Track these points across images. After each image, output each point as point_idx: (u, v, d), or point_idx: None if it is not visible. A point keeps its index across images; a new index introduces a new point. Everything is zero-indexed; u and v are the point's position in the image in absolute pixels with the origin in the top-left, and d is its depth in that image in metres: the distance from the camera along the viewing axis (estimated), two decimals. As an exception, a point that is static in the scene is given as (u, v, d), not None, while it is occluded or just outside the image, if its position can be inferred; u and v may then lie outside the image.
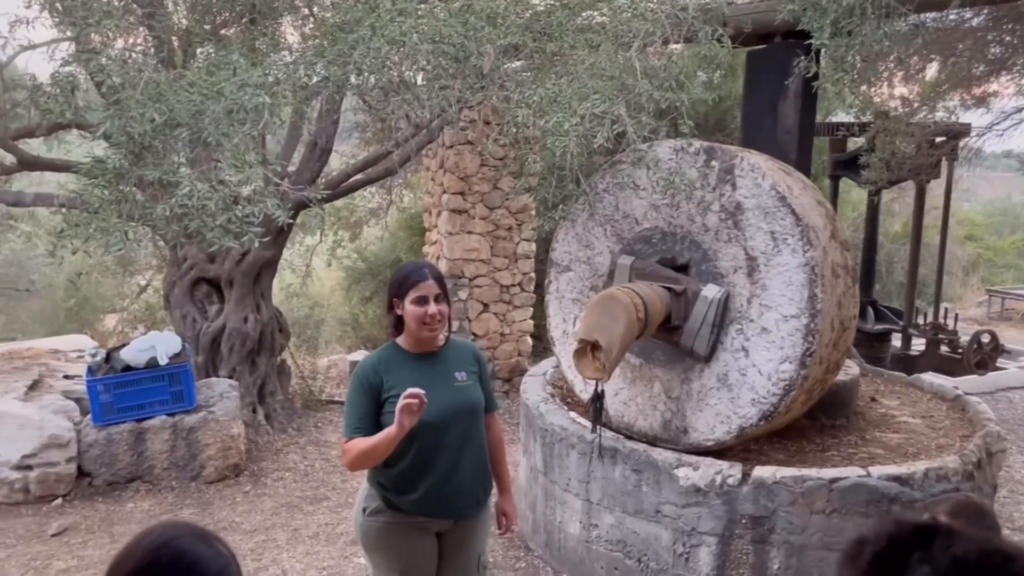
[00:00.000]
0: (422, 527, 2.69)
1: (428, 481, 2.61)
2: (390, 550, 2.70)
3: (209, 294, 6.45)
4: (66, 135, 6.78)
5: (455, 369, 2.72)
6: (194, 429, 5.37)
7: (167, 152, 3.78)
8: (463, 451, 2.66)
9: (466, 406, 2.68)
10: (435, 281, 2.63)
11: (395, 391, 2.53)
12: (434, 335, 2.67)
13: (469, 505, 2.71)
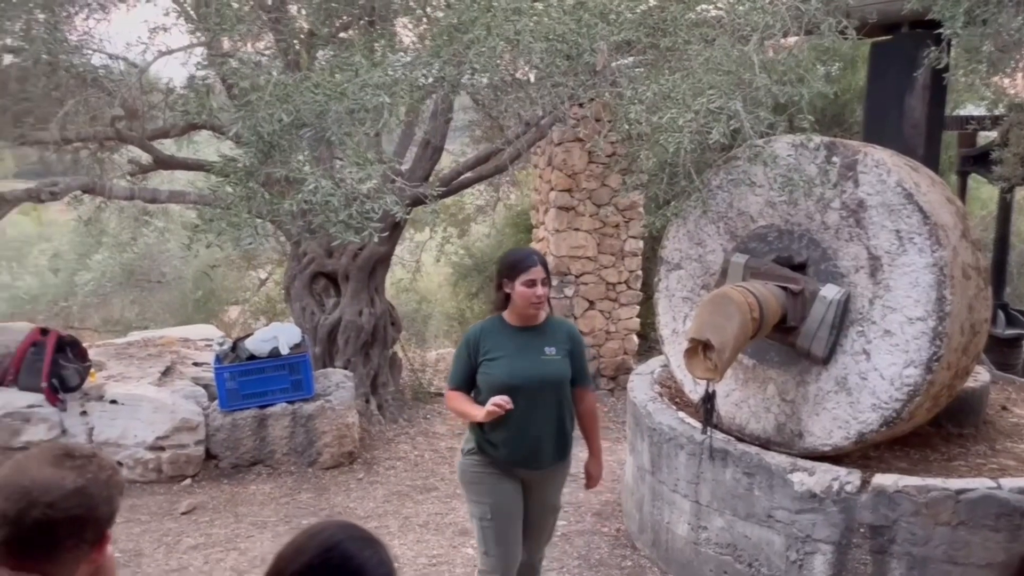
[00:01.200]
0: (509, 474, 3.19)
1: (511, 437, 3.11)
2: (480, 487, 3.22)
3: (327, 288, 6.70)
4: (195, 135, 7.18)
5: (547, 344, 3.16)
6: (312, 417, 5.60)
7: (293, 151, 3.96)
8: (544, 415, 3.13)
9: (550, 377, 3.13)
10: (542, 267, 3.11)
11: (491, 355, 3.12)
12: (538, 312, 3.16)
13: (545, 460, 3.18)
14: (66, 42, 4.49)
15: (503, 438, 3.12)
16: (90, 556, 1.50)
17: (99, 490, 1.49)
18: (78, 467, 1.49)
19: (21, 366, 5.28)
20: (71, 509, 1.45)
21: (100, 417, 5.28)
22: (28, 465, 1.51)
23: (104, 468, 1.53)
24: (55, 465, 1.49)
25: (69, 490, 1.45)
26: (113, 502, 1.53)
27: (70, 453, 1.53)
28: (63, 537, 1.46)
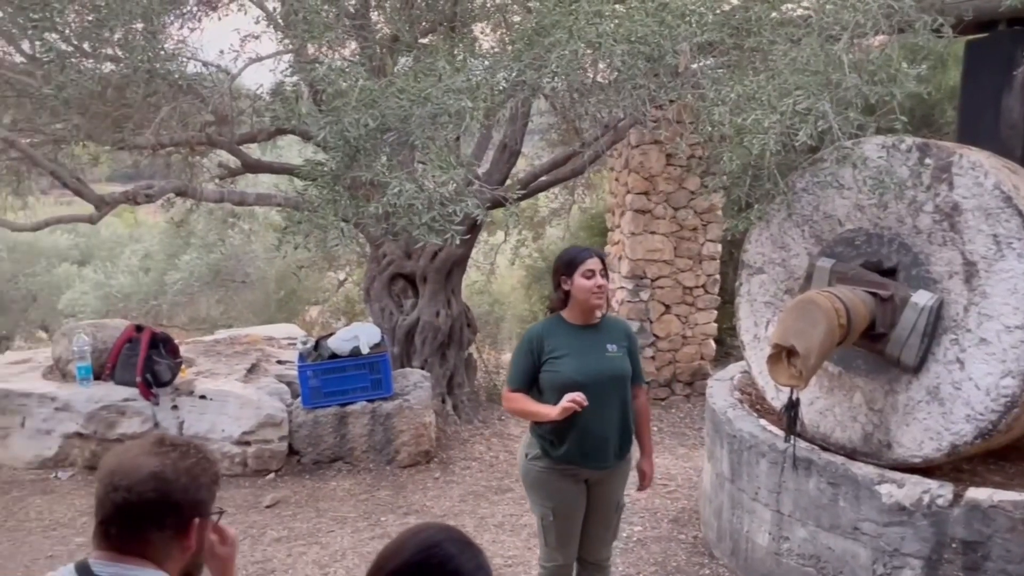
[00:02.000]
0: (571, 474, 3.19)
1: (576, 435, 3.11)
2: (544, 490, 3.24)
3: (405, 289, 6.82)
4: (279, 140, 7.40)
5: (608, 341, 3.18)
6: (391, 416, 5.70)
7: (377, 155, 4.05)
8: (608, 412, 3.13)
9: (614, 373, 3.14)
10: (598, 259, 3.15)
11: (554, 353, 3.12)
12: (600, 304, 3.16)
13: (610, 458, 3.19)
14: (163, 50, 4.69)
15: (570, 437, 3.12)
16: (179, 543, 1.54)
17: (176, 476, 1.52)
18: (162, 454, 1.54)
19: (117, 361, 5.54)
20: (145, 493, 1.49)
21: (190, 412, 5.48)
22: (124, 452, 1.58)
23: (188, 457, 1.56)
24: (144, 452, 1.55)
25: (144, 475, 1.50)
26: (195, 491, 1.55)
27: (163, 441, 1.59)
28: (142, 521, 1.51)
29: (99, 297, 11.51)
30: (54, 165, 5.56)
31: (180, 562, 1.58)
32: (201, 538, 1.59)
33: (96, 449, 5.39)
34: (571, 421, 3.06)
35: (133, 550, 1.52)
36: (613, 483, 3.32)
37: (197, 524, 1.56)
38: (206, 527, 1.61)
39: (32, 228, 5.90)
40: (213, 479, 1.61)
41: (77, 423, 5.37)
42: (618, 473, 3.32)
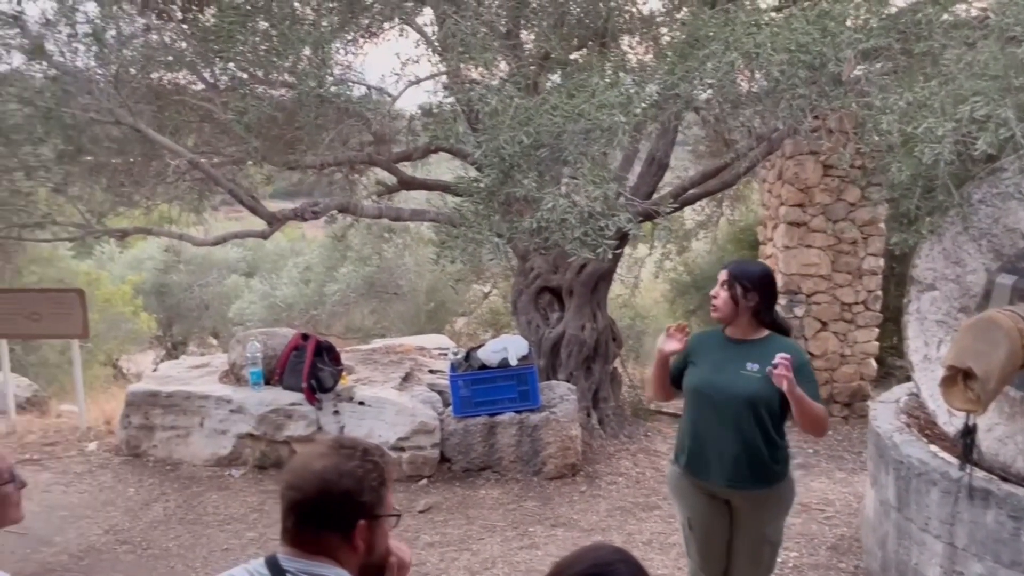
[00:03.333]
0: (698, 486, 3.15)
1: (692, 444, 3.12)
2: (678, 498, 3.27)
3: (551, 302, 6.89)
4: (430, 157, 7.67)
5: (752, 360, 3.03)
6: (538, 427, 5.77)
7: (531, 171, 4.13)
8: (728, 430, 3.02)
9: (740, 392, 3.01)
10: (727, 271, 3.12)
11: (694, 359, 3.16)
12: (715, 316, 3.14)
13: (725, 477, 3.05)
14: (331, 76, 4.99)
15: (686, 445, 3.16)
16: (347, 543, 1.60)
17: (338, 478, 1.58)
18: (331, 456, 1.61)
19: (285, 368, 5.91)
20: (309, 493, 1.58)
21: (350, 417, 5.77)
22: (306, 452, 1.67)
23: (353, 459, 1.61)
24: (319, 454, 1.63)
25: (311, 475, 1.58)
26: (358, 493, 1.59)
27: (338, 443, 1.66)
28: (310, 520, 1.59)
29: (265, 306, 12.32)
30: (232, 184, 6.01)
31: (353, 563, 1.63)
32: (370, 541, 1.62)
33: (265, 449, 5.77)
34: (691, 430, 3.12)
35: (312, 547, 1.61)
36: (757, 513, 3.15)
37: (363, 526, 1.60)
38: (375, 529, 1.63)
39: (212, 243, 6.40)
40: (380, 482, 1.63)
41: (249, 424, 5.77)
42: (761, 504, 3.14)
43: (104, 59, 5.41)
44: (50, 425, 6.78)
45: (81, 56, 5.39)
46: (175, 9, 6.13)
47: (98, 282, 12.09)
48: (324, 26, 5.38)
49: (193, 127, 6.75)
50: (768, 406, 3.01)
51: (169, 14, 6.09)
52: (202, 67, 6.07)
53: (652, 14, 6.43)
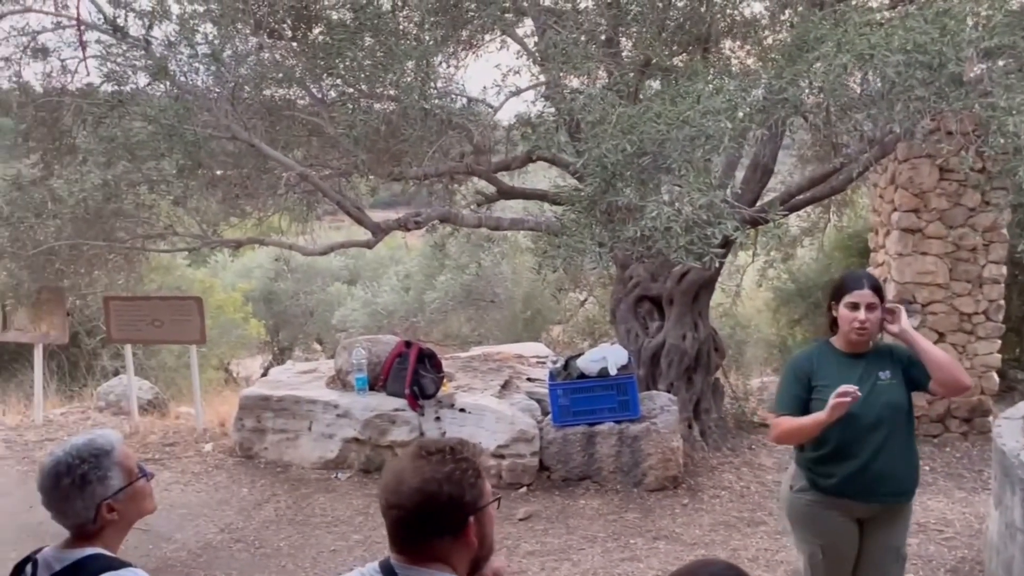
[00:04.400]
0: (843, 509, 3.02)
1: (848, 466, 2.97)
2: (812, 527, 3.10)
3: (651, 311, 6.81)
4: (527, 166, 7.71)
5: (880, 369, 3.00)
6: (638, 438, 5.71)
7: (632, 179, 4.10)
8: (883, 444, 2.95)
9: (889, 403, 2.95)
10: (871, 290, 2.98)
11: (823, 383, 2.98)
12: (862, 339, 3.01)
13: (884, 493, 3.00)
14: (435, 89, 5.09)
15: (841, 467, 3.00)
16: (460, 543, 1.61)
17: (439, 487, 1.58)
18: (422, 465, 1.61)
19: (389, 374, 6.04)
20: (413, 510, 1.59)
21: (451, 423, 5.85)
22: (393, 466, 1.68)
23: (446, 462, 1.62)
24: (408, 466, 1.63)
25: (409, 491, 1.59)
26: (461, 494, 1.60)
27: (423, 450, 1.66)
28: (419, 533, 1.60)
29: (366, 313, 12.65)
30: (339, 196, 6.21)
31: (467, 559, 1.66)
32: (480, 533, 1.64)
33: (370, 454, 5.91)
34: (843, 452, 2.97)
35: (424, 556, 1.63)
36: (892, 527, 3.09)
37: (473, 521, 1.62)
38: (483, 520, 1.65)
39: (320, 252, 6.63)
40: (477, 475, 1.64)
41: (355, 429, 5.93)
42: (898, 516, 3.10)
43: (221, 78, 5.70)
44: (169, 426, 7.15)
45: (201, 75, 5.69)
46: (285, 28, 6.38)
47: (211, 290, 12.67)
48: (427, 40, 5.50)
49: (302, 141, 7.00)
50: (908, 413, 3.04)
51: (280, 33, 6.35)
52: (310, 83, 6.30)
53: (755, 17, 6.30)
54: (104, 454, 2.01)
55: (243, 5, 5.72)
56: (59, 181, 6.16)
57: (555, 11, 5.97)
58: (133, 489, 2.04)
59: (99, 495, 1.97)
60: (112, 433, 2.09)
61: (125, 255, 6.71)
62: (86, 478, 1.96)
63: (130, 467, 2.05)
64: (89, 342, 9.48)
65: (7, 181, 6.04)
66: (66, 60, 5.92)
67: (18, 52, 5.83)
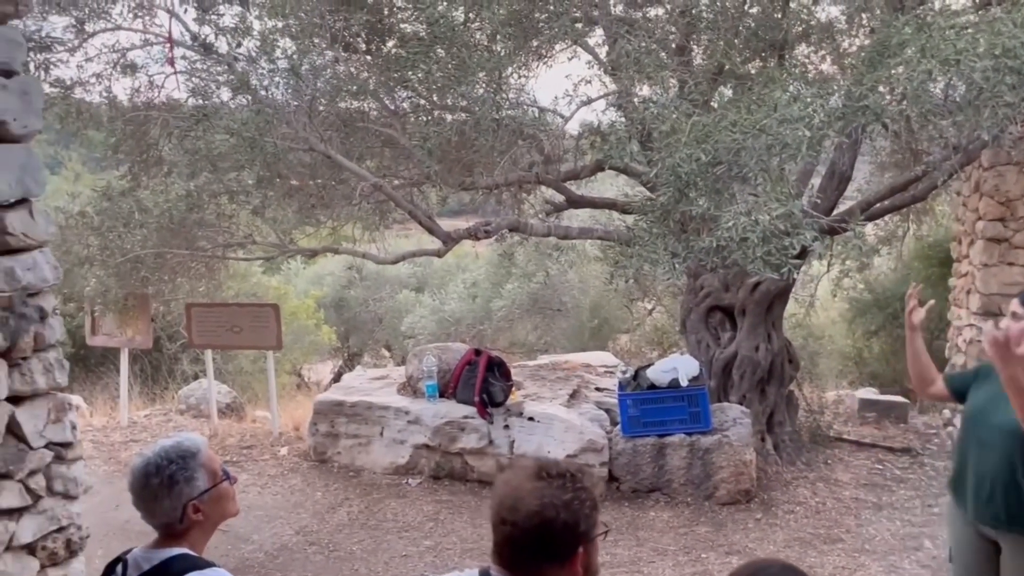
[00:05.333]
0: (971, 524, 3.01)
1: (960, 475, 3.04)
2: (947, 526, 3.23)
3: (722, 321, 6.71)
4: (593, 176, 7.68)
5: None
6: (709, 450, 5.62)
7: (707, 189, 4.06)
8: (989, 459, 2.91)
9: (1000, 424, 2.84)
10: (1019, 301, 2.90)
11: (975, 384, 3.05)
12: None
13: (982, 513, 2.94)
14: (507, 101, 5.13)
15: (955, 473, 3.11)
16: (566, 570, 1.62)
17: (557, 513, 1.59)
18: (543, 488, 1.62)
19: (459, 382, 6.09)
20: (529, 531, 1.59)
21: (519, 431, 5.86)
22: (510, 479, 1.69)
23: (567, 489, 1.62)
24: (528, 486, 1.63)
25: (528, 512, 1.59)
26: (576, 523, 1.60)
27: (543, 471, 1.66)
28: (529, 553, 1.61)
29: (434, 321, 12.76)
30: (411, 206, 6.30)
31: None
32: (588, 561, 1.65)
33: (440, 460, 5.97)
34: (959, 456, 3.08)
35: (526, 573, 1.65)
36: (1015, 560, 2.93)
37: (582, 552, 1.62)
38: (591, 550, 1.66)
39: (392, 261, 6.73)
40: (593, 506, 1.65)
41: (425, 436, 6.00)
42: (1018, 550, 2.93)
43: (299, 91, 5.85)
44: (246, 429, 7.35)
45: (280, 89, 5.86)
46: (360, 42, 6.52)
47: (285, 296, 12.98)
48: (499, 51, 5.55)
49: (375, 151, 7.13)
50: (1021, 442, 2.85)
51: (355, 46, 6.49)
52: (384, 95, 6.42)
53: (831, 21, 6.16)
54: (191, 456, 2.08)
55: (320, 20, 5.86)
56: (146, 192, 6.40)
57: (626, 20, 5.96)
58: (218, 491, 2.10)
59: (186, 495, 2.04)
60: (198, 436, 2.16)
61: (206, 263, 6.93)
62: (173, 478, 2.03)
63: (215, 469, 2.12)
64: (170, 347, 9.83)
65: (98, 192, 6.32)
66: (153, 76, 6.18)
67: (108, 68, 6.10)
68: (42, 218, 2.81)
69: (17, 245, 2.73)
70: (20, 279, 2.73)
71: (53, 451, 2.86)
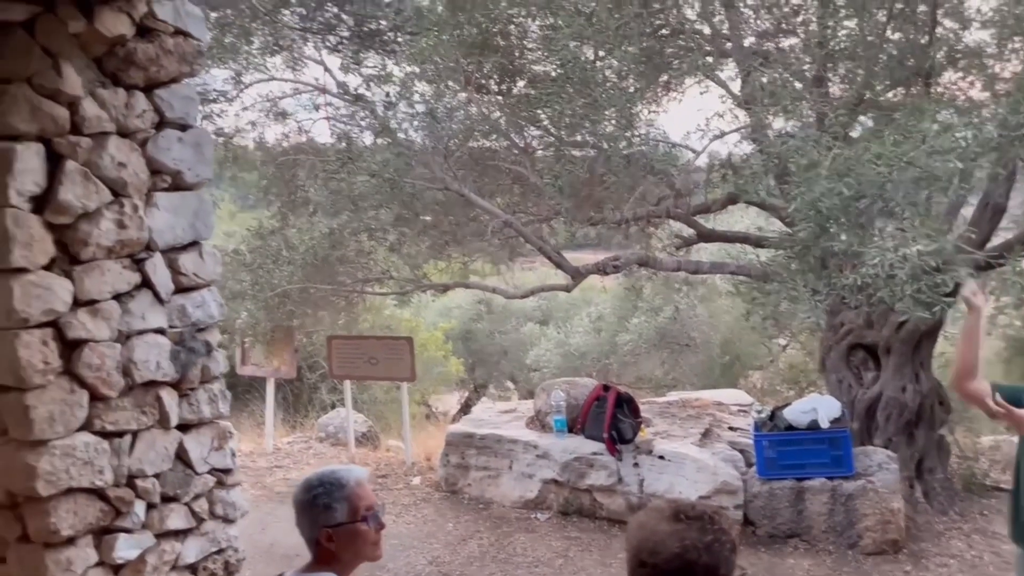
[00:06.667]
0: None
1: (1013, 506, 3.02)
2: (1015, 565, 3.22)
3: (865, 360, 6.40)
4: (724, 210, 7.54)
5: None
6: (852, 496, 5.35)
7: (850, 224, 3.92)
8: None
9: None
10: None
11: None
12: None
13: None
14: (638, 137, 5.15)
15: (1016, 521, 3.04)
16: None
17: (698, 556, 1.57)
18: (683, 530, 1.60)
19: (587, 417, 6.08)
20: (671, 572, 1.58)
21: (650, 470, 5.77)
22: (646, 521, 1.68)
23: (707, 532, 1.61)
24: (667, 527, 1.62)
25: (669, 554, 1.58)
26: (715, 567, 1.59)
27: (682, 513, 1.65)
28: None
29: (559, 354, 12.79)
30: (540, 241, 6.40)
31: None
32: None
33: (568, 496, 5.95)
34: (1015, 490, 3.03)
35: None
36: None
37: None
38: None
39: (521, 296, 6.85)
40: (732, 548, 1.64)
41: (554, 471, 6.00)
42: None
43: (435, 132, 6.09)
44: (381, 458, 7.58)
45: (417, 131, 6.13)
46: (491, 83, 6.73)
47: (416, 329, 13.37)
48: (628, 89, 5.59)
49: (504, 188, 7.31)
50: None
51: (487, 88, 6.70)
52: (513, 133, 6.59)
53: (980, 46, 5.85)
54: (339, 486, 2.15)
55: (455, 64, 6.10)
56: (292, 230, 6.81)
57: (759, 52, 5.88)
58: (354, 528, 2.12)
59: (321, 521, 2.11)
60: (358, 471, 2.22)
61: (345, 297, 7.26)
62: (315, 501, 2.12)
63: (358, 507, 2.13)
64: (310, 376, 10.30)
65: (250, 231, 6.76)
66: (302, 121, 6.59)
67: (262, 116, 6.57)
68: (210, 259, 3.04)
69: (188, 284, 2.97)
70: (190, 316, 2.96)
71: (215, 476, 3.06)
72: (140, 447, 2.81)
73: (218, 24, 5.77)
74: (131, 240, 2.75)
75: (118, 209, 2.72)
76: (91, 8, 2.63)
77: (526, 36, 6.54)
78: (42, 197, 2.58)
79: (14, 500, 2.63)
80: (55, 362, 2.58)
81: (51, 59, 2.59)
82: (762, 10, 6.06)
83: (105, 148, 2.69)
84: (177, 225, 2.92)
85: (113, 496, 2.72)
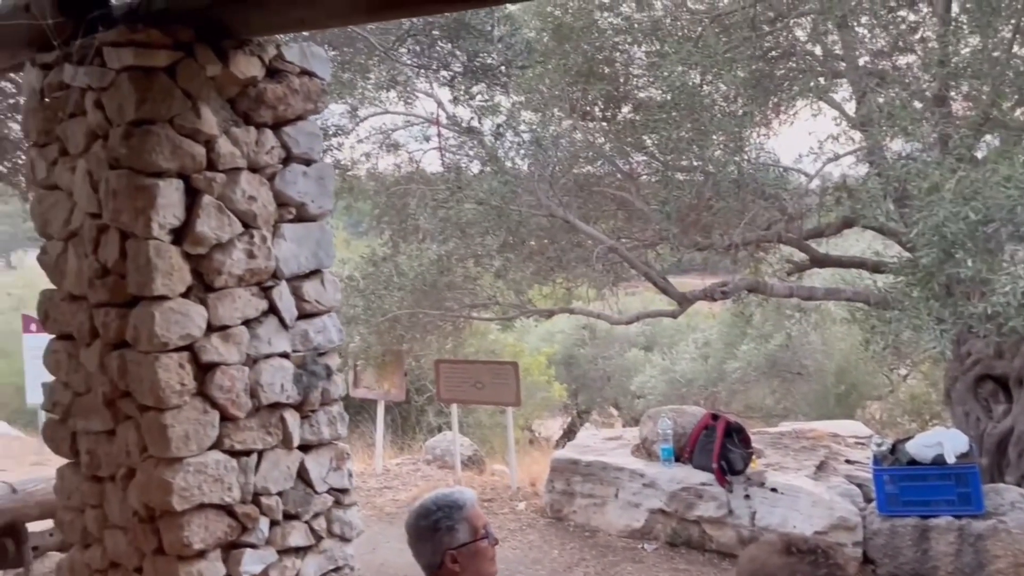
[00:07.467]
0: None
1: None
2: None
3: (995, 392, 6.04)
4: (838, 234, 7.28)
5: None
6: (982, 537, 5.03)
7: (977, 249, 3.74)
8: None
9: None
10: None
11: None
12: None
13: None
14: (748, 161, 5.07)
15: None
16: None
17: None
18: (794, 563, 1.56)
19: (696, 446, 5.96)
20: None
21: (762, 503, 5.60)
22: (756, 555, 1.66)
23: (819, 567, 1.55)
24: (780, 556, 1.60)
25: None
26: None
27: (797, 547, 1.60)
28: None
29: (664, 381, 12.61)
30: (646, 267, 6.37)
31: None
32: None
33: (676, 527, 5.83)
34: None
35: None
36: None
37: None
38: None
39: (627, 322, 6.81)
40: None
41: (661, 500, 5.90)
42: None
43: (540, 160, 6.18)
44: (486, 482, 7.64)
45: (523, 159, 6.23)
46: (596, 110, 6.78)
47: (520, 353, 13.46)
48: (736, 112, 5.52)
49: (609, 214, 7.31)
50: None
51: (591, 114, 6.75)
52: (618, 159, 6.59)
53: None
54: (457, 508, 2.21)
55: (560, 92, 6.18)
56: (403, 257, 7.01)
57: (875, 72, 5.70)
58: (476, 547, 2.19)
59: (445, 543, 2.17)
60: (469, 492, 2.29)
61: (453, 322, 7.41)
62: (437, 525, 2.18)
63: (477, 526, 2.21)
64: (418, 399, 10.52)
65: (364, 258, 7.01)
66: (413, 152, 6.82)
67: (375, 147, 6.82)
68: (331, 286, 3.18)
69: (310, 310, 3.11)
70: (312, 340, 3.10)
71: (333, 496, 3.17)
72: (265, 466, 2.94)
73: (336, 61, 6.06)
74: (260, 269, 2.91)
75: (248, 240, 2.88)
76: (226, 53, 2.82)
77: (631, 63, 6.57)
78: (180, 229, 2.77)
79: (152, 514, 2.80)
80: (190, 384, 2.75)
81: (190, 101, 2.78)
82: (877, 28, 5.88)
83: (237, 183, 2.86)
84: (301, 254, 3.07)
85: (240, 512, 2.86)
